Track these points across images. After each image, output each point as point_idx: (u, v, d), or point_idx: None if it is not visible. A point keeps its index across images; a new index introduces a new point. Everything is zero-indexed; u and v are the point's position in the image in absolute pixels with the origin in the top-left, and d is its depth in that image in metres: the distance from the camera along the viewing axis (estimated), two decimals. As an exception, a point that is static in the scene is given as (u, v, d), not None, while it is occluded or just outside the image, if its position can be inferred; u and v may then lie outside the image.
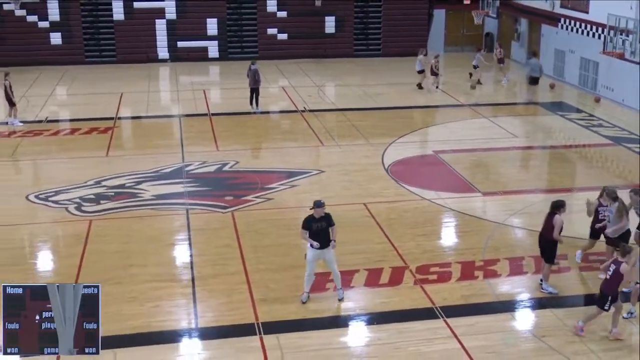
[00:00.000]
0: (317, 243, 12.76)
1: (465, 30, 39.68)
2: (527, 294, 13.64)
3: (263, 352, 11.59)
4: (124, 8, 36.27)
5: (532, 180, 20.26)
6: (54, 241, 16.21)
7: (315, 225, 12.85)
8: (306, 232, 12.87)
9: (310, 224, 12.87)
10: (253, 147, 23.27)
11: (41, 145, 22.97)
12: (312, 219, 12.90)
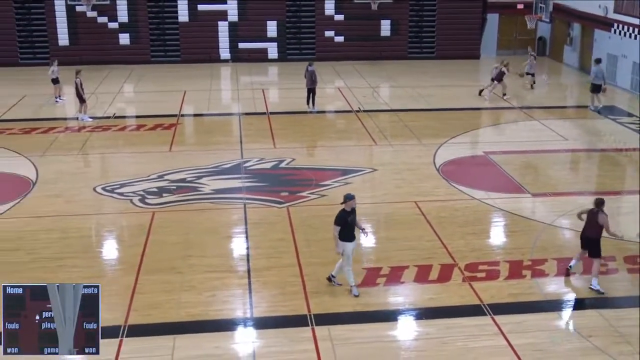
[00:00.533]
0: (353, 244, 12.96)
1: (517, 35, 39.09)
2: (574, 294, 13.41)
3: (314, 343, 11.62)
4: (188, 10, 36.66)
5: (581, 182, 19.90)
6: (119, 231, 16.49)
7: (349, 218, 12.87)
8: (338, 227, 12.81)
9: (345, 217, 12.87)
10: (309, 145, 23.31)
11: (108, 140, 23.39)
12: (345, 213, 12.91)
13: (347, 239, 12.92)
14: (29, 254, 14.80)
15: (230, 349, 11.66)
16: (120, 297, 12.99)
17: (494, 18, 39.02)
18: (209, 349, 11.48)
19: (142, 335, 11.86)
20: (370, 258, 14.89)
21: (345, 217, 12.87)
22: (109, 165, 21.29)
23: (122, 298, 12.92)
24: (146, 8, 36.38)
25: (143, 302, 12.85)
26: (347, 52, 37.29)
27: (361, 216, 17.04)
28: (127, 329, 11.94)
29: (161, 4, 36.58)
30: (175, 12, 36.70)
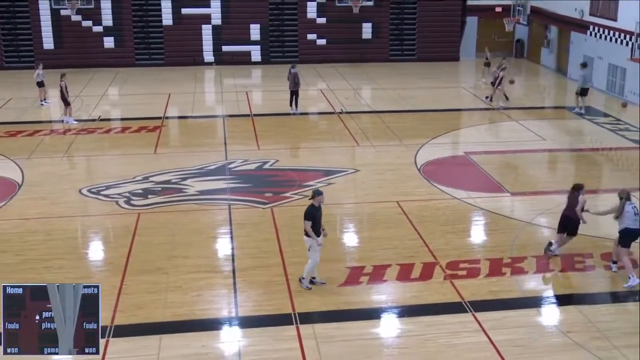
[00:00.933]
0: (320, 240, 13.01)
1: (496, 37, 39.29)
2: (553, 291, 13.49)
3: (299, 341, 11.62)
4: (172, 14, 36.57)
5: (559, 181, 19.99)
6: (105, 232, 16.41)
7: (317, 213, 13.00)
8: (309, 222, 12.90)
9: (314, 213, 12.97)
10: (292, 146, 23.30)
11: (94, 142, 23.27)
12: (314, 209, 13.02)
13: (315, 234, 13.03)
14: (16, 255, 14.69)
15: (216, 348, 11.63)
16: (107, 297, 12.87)
17: (473, 21, 39.22)
18: (195, 348, 11.44)
19: (128, 335, 11.81)
20: (353, 257, 14.91)
21: (314, 213, 12.99)
22: (94, 168, 21.18)
23: (108, 299, 12.83)
24: (130, 12, 36.27)
25: (129, 303, 12.79)
26: (330, 54, 37.35)
27: (344, 216, 17.18)
28: (114, 330, 11.87)
29: (145, 7, 36.47)
30: (159, 16, 36.61)
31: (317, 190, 13.33)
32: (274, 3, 37.14)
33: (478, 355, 11.28)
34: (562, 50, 35.11)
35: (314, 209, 13.01)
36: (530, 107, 28.26)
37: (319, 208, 13.07)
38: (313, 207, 13.03)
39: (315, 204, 13.03)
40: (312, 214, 12.94)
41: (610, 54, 29.90)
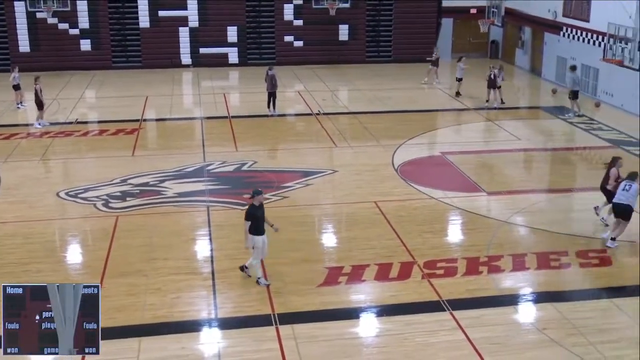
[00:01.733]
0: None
1: (471, 38, 39.52)
2: (530, 289, 13.59)
3: (279, 342, 11.61)
4: (149, 16, 36.35)
5: (534, 180, 20.19)
6: (83, 235, 16.29)
7: (259, 212, 13.14)
8: (249, 222, 13.06)
9: (254, 212, 13.12)
10: (270, 148, 23.29)
11: (71, 145, 23.09)
12: (254, 208, 13.19)
13: (256, 232, 13.17)
14: (-7, 259, 14.56)
15: (196, 350, 11.59)
16: (85, 300, 12.82)
17: (449, 22, 39.39)
18: (174, 350, 11.40)
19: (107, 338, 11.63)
20: (332, 257, 14.93)
21: (254, 212, 13.12)
22: (72, 171, 21.01)
23: (87, 302, 12.75)
24: (107, 14, 36.01)
25: (108, 306, 12.67)
26: (307, 56, 37.34)
27: (322, 217, 17.19)
28: (93, 333, 11.78)
29: (122, 10, 36.24)
30: (136, 18, 36.38)
31: (256, 189, 13.54)
32: (251, 5, 37.08)
33: (456, 354, 11.34)
34: (536, 51, 35.39)
35: (254, 208, 13.20)
36: (505, 107, 28.44)
37: (259, 207, 13.25)
38: (253, 206, 13.23)
39: (255, 203, 13.24)
40: (252, 214, 13.11)
41: (583, 55, 30.18)
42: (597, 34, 29.04)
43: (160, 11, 36.28)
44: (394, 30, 38.34)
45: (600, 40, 28.62)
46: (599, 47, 28.70)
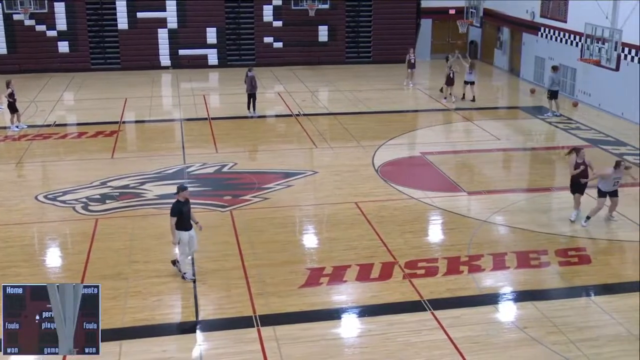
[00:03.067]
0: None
1: (450, 39, 39.72)
2: (510, 288, 13.67)
3: (260, 343, 11.59)
4: (128, 18, 36.18)
5: (514, 180, 20.31)
6: (62, 239, 16.17)
7: (184, 208, 13.28)
8: (174, 218, 13.19)
9: (180, 208, 13.24)
10: (250, 149, 23.25)
11: (49, 148, 22.91)
12: (180, 204, 13.31)
13: (182, 228, 13.31)
14: (-30, 264, 14.40)
15: (178, 352, 11.53)
16: (65, 304, 12.73)
17: (428, 23, 39.57)
18: (156, 353, 11.35)
19: (88, 341, 11.65)
20: (313, 258, 14.93)
21: (179, 208, 13.25)
22: (50, 174, 20.85)
23: (67, 305, 12.67)
24: (85, 16, 35.80)
25: (88, 309, 12.62)
26: (286, 57, 37.34)
27: (303, 217, 17.19)
28: (73, 336, 11.70)
29: (100, 11, 36.04)
30: (115, 20, 36.19)
31: (181, 185, 13.72)
32: (230, 6, 37.01)
33: (437, 353, 11.38)
34: (514, 52, 35.62)
35: (180, 204, 13.30)
36: (484, 107, 28.61)
37: (185, 203, 13.37)
38: (179, 202, 13.34)
39: (180, 199, 13.35)
40: (177, 210, 13.23)
41: (561, 55, 30.42)
42: (574, 34, 29.29)
43: (138, 12, 36.12)
44: (374, 31, 38.44)
45: (577, 41, 28.86)
46: (576, 47, 28.95)
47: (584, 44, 26.73)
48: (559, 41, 30.87)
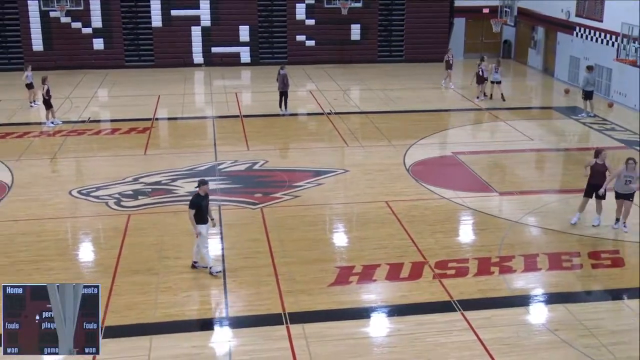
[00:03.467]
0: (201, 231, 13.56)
1: (484, 38, 39.42)
2: (541, 289, 13.54)
3: (289, 341, 11.62)
4: (162, 15, 36.46)
5: (546, 181, 20.11)
6: (95, 234, 16.35)
7: (204, 202, 13.53)
8: (193, 211, 13.43)
9: (200, 202, 13.49)
10: (282, 147, 23.31)
11: (83, 144, 23.18)
12: (200, 198, 13.57)
13: (200, 221, 13.53)
14: (6, 257, 14.62)
15: (207, 348, 11.61)
16: (97, 298, 12.87)
17: (461, 22, 39.31)
18: (185, 348, 11.42)
19: (119, 336, 11.77)
20: (343, 257, 14.92)
21: (199, 201, 13.51)
22: (84, 169, 21.10)
23: (98, 300, 12.81)
24: (120, 13, 36.14)
25: (120, 304, 12.76)
26: (318, 55, 37.35)
27: (333, 216, 17.20)
28: (104, 331, 11.82)
29: (135, 9, 36.36)
30: (149, 17, 36.49)
31: (202, 179, 14.06)
32: (263, 4, 37.11)
33: (466, 354, 11.31)
34: (548, 51, 35.25)
35: (199, 198, 13.55)
36: (517, 107, 28.36)
37: (205, 197, 13.61)
38: (199, 196, 13.59)
39: (200, 193, 13.62)
40: (197, 203, 13.48)
41: (596, 55, 30.03)
42: (610, 34, 28.90)
43: (172, 10, 36.39)
44: (406, 30, 38.28)
45: (613, 40, 28.49)
46: (612, 47, 28.57)
47: (620, 44, 26.39)
48: (594, 41, 30.48)
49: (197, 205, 13.45)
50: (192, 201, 13.56)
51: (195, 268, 13.98)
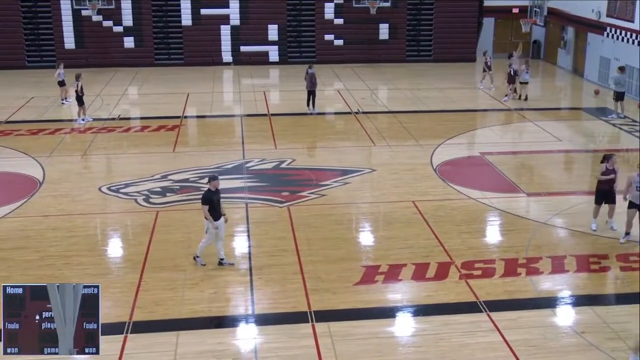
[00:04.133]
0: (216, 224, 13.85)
1: (513, 38, 39.12)
2: (568, 292, 13.41)
3: (314, 339, 11.63)
4: (191, 14, 36.67)
5: (574, 182, 19.91)
6: (124, 230, 16.50)
7: (215, 197, 13.68)
8: (207, 206, 13.60)
9: (210, 197, 13.64)
10: (309, 146, 23.32)
11: (113, 141, 23.40)
12: (211, 193, 13.73)
13: (215, 217, 13.77)
14: (36, 252, 14.81)
15: (232, 345, 11.66)
16: (125, 294, 13.00)
17: (490, 22, 39.06)
18: (211, 344, 11.48)
19: (146, 331, 11.87)
20: (369, 256, 14.90)
21: (210, 197, 13.69)
22: (113, 166, 21.29)
23: (126, 295, 12.93)
24: (150, 12, 36.41)
25: (147, 299, 12.86)
26: (347, 55, 37.32)
27: (360, 215, 17.18)
28: (132, 326, 11.94)
29: (165, 8, 36.61)
30: (179, 16, 36.72)
31: (212, 175, 14.31)
32: (291, 4, 37.17)
33: (492, 355, 11.24)
34: (578, 52, 34.88)
35: (210, 193, 13.72)
36: (546, 108, 28.11)
37: (215, 192, 13.80)
38: (210, 191, 13.76)
39: (211, 188, 13.79)
40: (208, 198, 13.64)
41: (627, 56, 29.65)
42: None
43: (202, 9, 36.58)
44: (435, 30, 38.11)
45: (645, 41, 28.11)
46: (643, 47, 28.20)
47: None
48: (625, 41, 30.09)
49: (209, 200, 13.62)
50: (205, 197, 13.76)
51: (221, 265, 14.05)
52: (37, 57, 36.07)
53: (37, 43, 36.14)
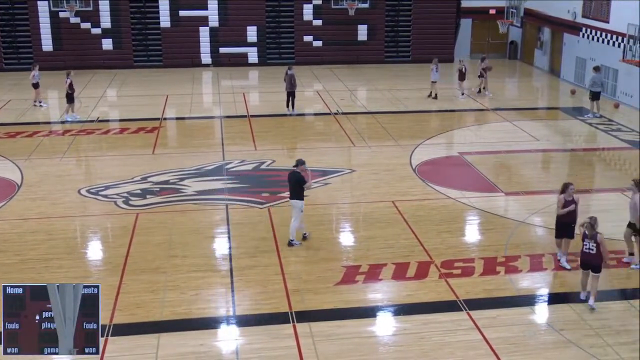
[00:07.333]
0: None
1: (490, 39, 39.37)
2: (547, 289, 13.52)
3: (296, 339, 11.62)
4: (170, 16, 36.51)
5: (552, 181, 20.01)
6: (104, 232, 16.39)
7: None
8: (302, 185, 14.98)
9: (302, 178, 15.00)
10: (289, 147, 23.31)
11: (92, 143, 23.24)
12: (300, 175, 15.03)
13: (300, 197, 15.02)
14: (16, 255, 14.68)
15: (214, 347, 11.63)
16: (105, 297, 12.84)
17: (468, 23, 39.25)
18: (192, 346, 11.44)
19: (126, 334, 11.81)
20: (349, 256, 14.92)
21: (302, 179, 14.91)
22: (93, 168, 21.15)
23: (107, 298, 12.82)
24: (129, 14, 36.21)
25: (128, 302, 12.79)
26: (326, 56, 37.35)
27: (340, 216, 17.21)
28: (112, 328, 11.87)
29: (143, 9, 36.42)
30: (157, 18, 36.54)
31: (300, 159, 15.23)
32: (270, 5, 37.12)
33: (472, 353, 11.30)
34: (555, 52, 35.15)
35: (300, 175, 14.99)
36: (523, 107, 28.30)
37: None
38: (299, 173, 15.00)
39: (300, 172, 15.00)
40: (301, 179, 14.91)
41: (603, 56, 29.94)
42: (616, 35, 28.81)
43: (180, 11, 36.43)
44: (413, 31, 38.25)
45: (619, 41, 28.39)
46: (618, 47, 28.48)
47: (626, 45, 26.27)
48: (600, 42, 30.38)
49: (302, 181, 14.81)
50: (299, 179, 14.87)
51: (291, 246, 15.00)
52: (14, 59, 35.73)
53: (14, 45, 35.81)
